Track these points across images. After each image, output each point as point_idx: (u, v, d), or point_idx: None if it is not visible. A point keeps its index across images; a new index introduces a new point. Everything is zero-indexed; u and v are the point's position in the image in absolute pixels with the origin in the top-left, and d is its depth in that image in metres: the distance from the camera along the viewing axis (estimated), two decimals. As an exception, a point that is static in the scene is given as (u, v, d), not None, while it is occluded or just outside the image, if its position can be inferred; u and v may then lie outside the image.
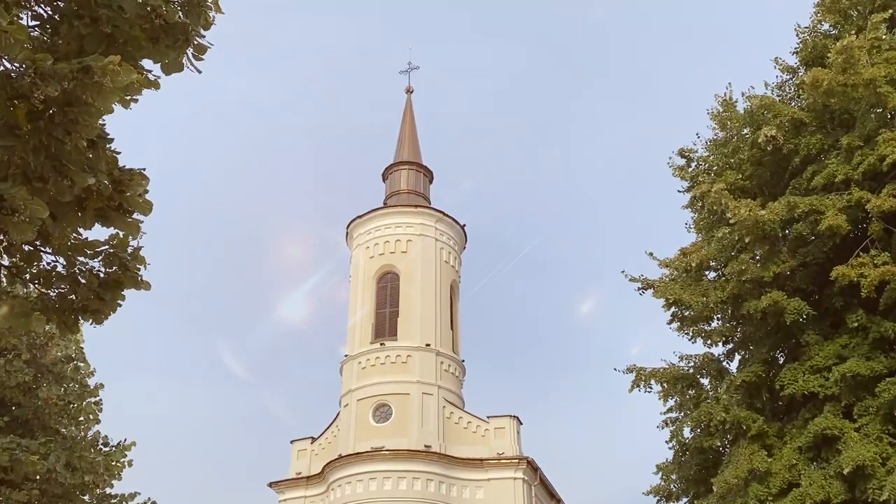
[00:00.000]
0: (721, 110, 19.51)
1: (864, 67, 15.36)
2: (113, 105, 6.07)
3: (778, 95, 19.09)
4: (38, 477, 15.45)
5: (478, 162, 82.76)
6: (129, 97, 6.27)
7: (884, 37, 16.28)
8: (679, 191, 20.30)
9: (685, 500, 19.41)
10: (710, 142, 19.80)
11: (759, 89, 18.93)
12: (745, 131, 18.74)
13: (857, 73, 15.32)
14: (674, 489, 19.36)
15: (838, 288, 15.72)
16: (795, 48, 19.04)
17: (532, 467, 28.44)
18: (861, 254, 15.52)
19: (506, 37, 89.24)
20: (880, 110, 16.06)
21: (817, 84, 15.85)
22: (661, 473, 19.43)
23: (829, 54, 16.03)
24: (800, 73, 18.65)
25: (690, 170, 19.97)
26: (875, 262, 15.03)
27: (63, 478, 15.57)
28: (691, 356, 18.93)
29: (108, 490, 18.30)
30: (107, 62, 5.56)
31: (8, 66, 5.80)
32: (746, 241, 16.55)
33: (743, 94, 18.91)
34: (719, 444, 17.87)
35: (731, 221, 16.34)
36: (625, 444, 79.32)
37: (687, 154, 20.04)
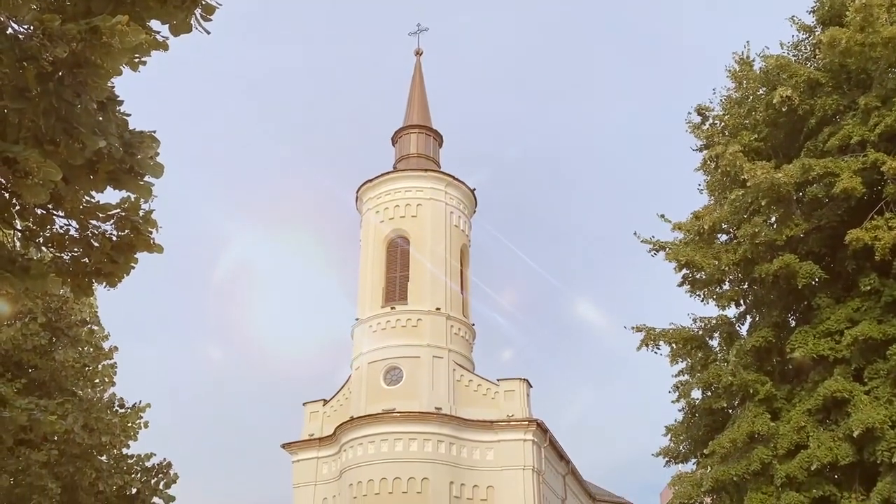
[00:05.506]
0: (737, 68, 19.18)
1: (884, 26, 15.00)
2: (122, 67, 6.03)
3: (794, 55, 18.71)
4: (56, 437, 15.71)
5: (489, 125, 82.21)
6: (137, 59, 6.22)
7: (904, -6, 15.87)
8: (693, 149, 20.08)
9: (693, 461, 19.55)
10: (726, 99, 19.50)
11: (774, 49, 18.60)
12: (761, 91, 18.42)
13: (876, 32, 14.97)
14: (682, 450, 19.48)
15: (851, 251, 15.59)
16: (812, 7, 18.64)
17: (542, 429, 28.74)
18: (875, 217, 15.34)
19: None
20: (899, 70, 15.75)
21: (834, 43, 15.51)
22: (670, 435, 19.56)
23: (846, 13, 15.65)
24: (816, 33, 18.26)
25: (706, 128, 19.68)
26: (889, 224, 14.86)
27: (81, 438, 15.84)
28: (704, 318, 18.90)
29: (124, 451, 18.63)
30: (115, 22, 5.50)
31: (16, 27, 5.74)
32: (762, 203, 16.37)
33: (759, 55, 18.58)
34: (726, 405, 17.89)
35: (748, 184, 16.15)
36: (634, 406, 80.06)
37: (703, 111, 19.75)
